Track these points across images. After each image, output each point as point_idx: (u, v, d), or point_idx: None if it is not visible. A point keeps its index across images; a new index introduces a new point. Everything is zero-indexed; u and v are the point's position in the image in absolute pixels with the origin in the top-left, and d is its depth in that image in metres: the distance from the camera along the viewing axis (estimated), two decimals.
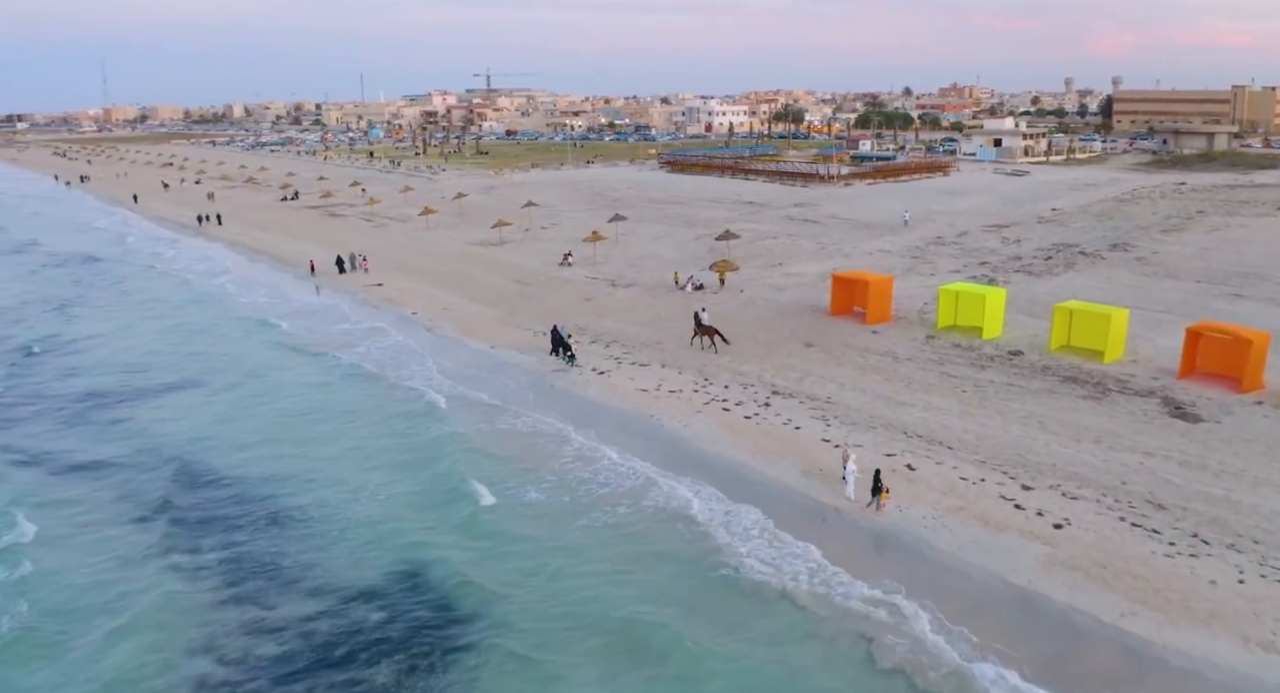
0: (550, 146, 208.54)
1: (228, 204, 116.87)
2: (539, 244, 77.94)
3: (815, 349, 44.51)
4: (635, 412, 37.30)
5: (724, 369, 41.91)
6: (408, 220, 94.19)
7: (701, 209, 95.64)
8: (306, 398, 42.36)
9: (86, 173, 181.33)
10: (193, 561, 27.60)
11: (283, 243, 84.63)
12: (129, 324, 58.52)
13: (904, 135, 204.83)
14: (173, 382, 45.49)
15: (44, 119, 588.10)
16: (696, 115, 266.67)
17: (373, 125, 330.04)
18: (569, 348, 43.51)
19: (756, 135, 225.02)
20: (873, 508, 28.21)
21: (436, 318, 54.28)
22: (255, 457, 35.45)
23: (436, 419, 38.41)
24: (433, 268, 69.71)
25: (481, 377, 43.33)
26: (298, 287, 67.14)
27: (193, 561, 27.60)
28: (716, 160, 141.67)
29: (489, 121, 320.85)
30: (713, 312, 51.86)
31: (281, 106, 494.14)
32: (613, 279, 63.11)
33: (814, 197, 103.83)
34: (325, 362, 47.62)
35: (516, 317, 53.68)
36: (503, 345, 47.89)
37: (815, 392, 38.54)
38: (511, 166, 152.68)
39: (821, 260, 65.98)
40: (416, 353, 47.89)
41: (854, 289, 51.02)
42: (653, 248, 74.28)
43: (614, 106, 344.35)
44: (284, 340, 52.35)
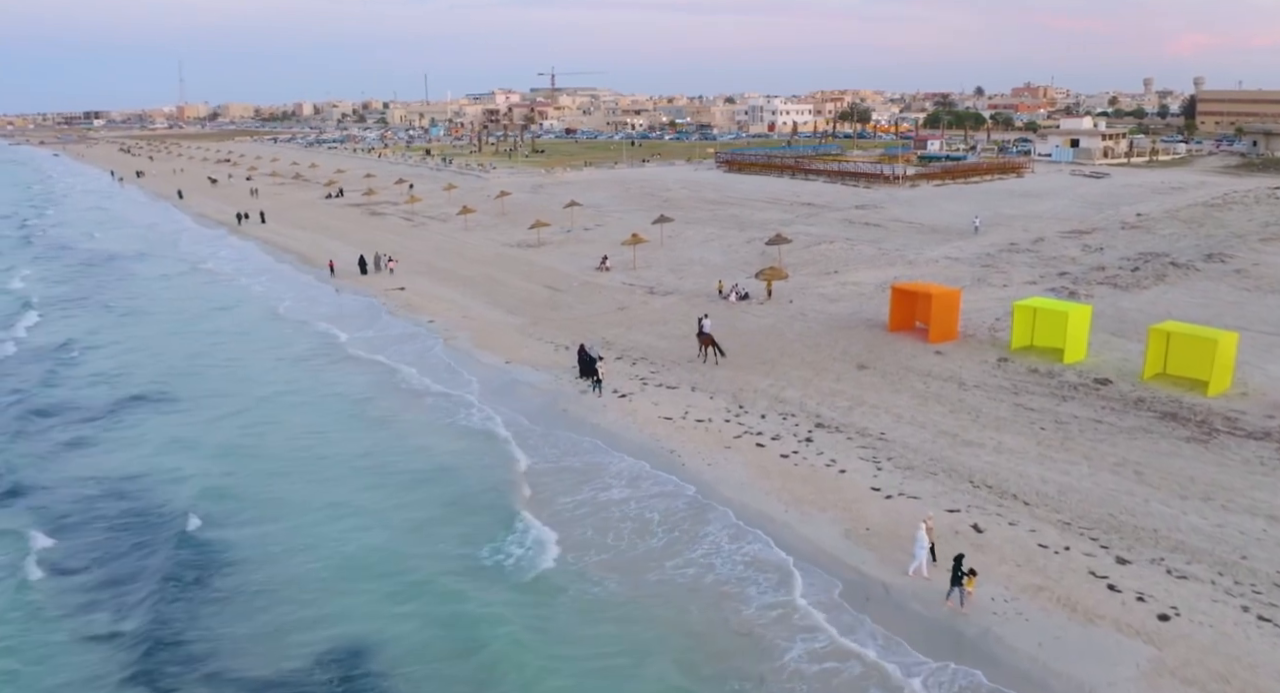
0: (607, 145, 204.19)
1: (271, 201, 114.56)
2: (579, 246, 73.25)
3: (869, 372, 39.03)
4: (654, 446, 32.15)
5: (762, 395, 36.63)
6: (447, 220, 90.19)
7: (756, 210, 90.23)
8: (266, 418, 37.98)
9: (142, 168, 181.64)
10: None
11: (316, 242, 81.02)
12: (121, 325, 55.00)
13: (975, 135, 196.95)
14: (135, 395, 41.47)
15: (120, 116, 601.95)
16: (759, 114, 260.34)
17: (435, 123, 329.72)
18: (596, 372, 38.38)
19: (820, 135, 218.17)
20: (954, 601, 22.21)
21: (453, 327, 49.73)
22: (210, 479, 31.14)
23: (402, 454, 33.79)
24: (462, 271, 65.33)
25: (490, 398, 38.60)
26: (314, 290, 63.12)
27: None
28: (776, 159, 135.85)
29: (549, 120, 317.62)
30: (756, 326, 46.73)
31: (349, 105, 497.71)
32: (651, 286, 58.11)
33: (877, 198, 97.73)
34: (306, 379, 43.28)
35: (540, 327, 48.93)
36: (519, 360, 43.13)
37: (866, 425, 33.11)
38: (564, 165, 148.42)
39: (881, 268, 60.27)
40: (420, 370, 43.32)
41: (915, 302, 45.42)
42: (699, 252, 69.13)
43: (677, 105, 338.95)
44: (273, 351, 48.24)
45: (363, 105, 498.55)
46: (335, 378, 42.87)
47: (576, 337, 46.17)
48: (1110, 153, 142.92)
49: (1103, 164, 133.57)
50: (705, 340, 41.84)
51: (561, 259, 68.38)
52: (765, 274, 52.80)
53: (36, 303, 62.26)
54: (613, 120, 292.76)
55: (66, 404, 40.53)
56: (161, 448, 35.06)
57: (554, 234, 79.22)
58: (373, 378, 42.47)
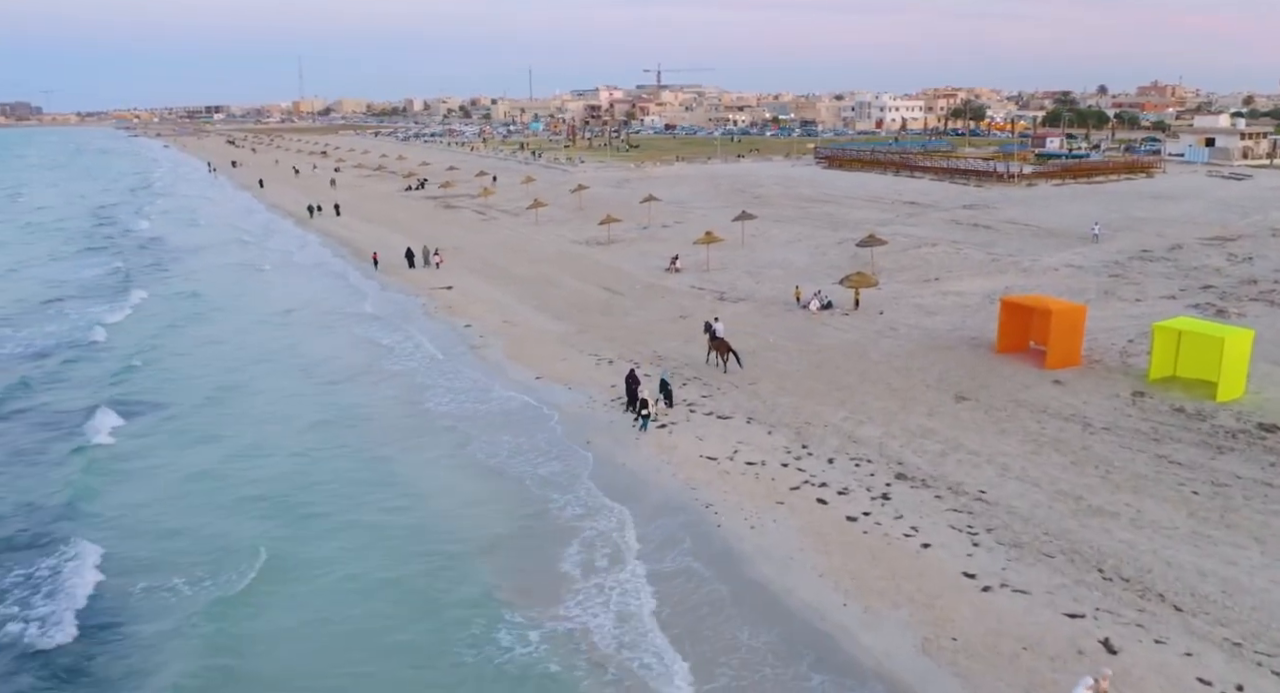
0: (705, 141, 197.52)
1: (350, 192, 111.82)
2: (653, 245, 66.89)
3: (969, 406, 31.70)
4: (686, 499, 25.50)
5: (833, 432, 29.67)
6: (519, 214, 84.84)
7: (853, 209, 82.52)
8: (234, 446, 32.56)
9: (240, 159, 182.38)
10: None
11: (378, 236, 76.31)
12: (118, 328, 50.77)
13: (1097, 134, 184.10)
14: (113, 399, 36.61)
15: (240, 111, 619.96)
16: (867, 110, 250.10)
17: (536, 118, 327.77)
18: (666, 399, 32.06)
19: (930, 132, 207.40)
20: None
21: (490, 334, 43.88)
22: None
23: (368, 509, 27.87)
24: (518, 269, 59.61)
25: (497, 424, 32.46)
26: (357, 287, 58.05)
27: None
28: (880, 155, 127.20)
29: (651, 116, 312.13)
30: (836, 341, 39.67)
31: (456, 102, 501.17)
32: (723, 291, 51.37)
33: (989, 197, 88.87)
34: (303, 391, 37.94)
35: (586, 335, 42.72)
36: (551, 376, 36.94)
37: (962, 479, 25.92)
38: (654, 160, 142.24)
39: (990, 276, 52.37)
40: (434, 386, 37.52)
41: (1030, 319, 37.80)
42: (783, 253, 62.05)
43: (782, 102, 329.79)
44: (274, 359, 43.12)
45: (470, 102, 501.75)
46: (332, 397, 37.26)
47: (625, 348, 39.92)
48: (1250, 153, 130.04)
49: (1241, 165, 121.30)
50: (718, 345, 36.80)
51: (629, 258, 62.12)
52: (852, 280, 45.60)
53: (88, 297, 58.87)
54: (715, 117, 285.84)
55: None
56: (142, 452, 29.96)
57: (628, 231, 73.16)
58: (380, 396, 36.80)
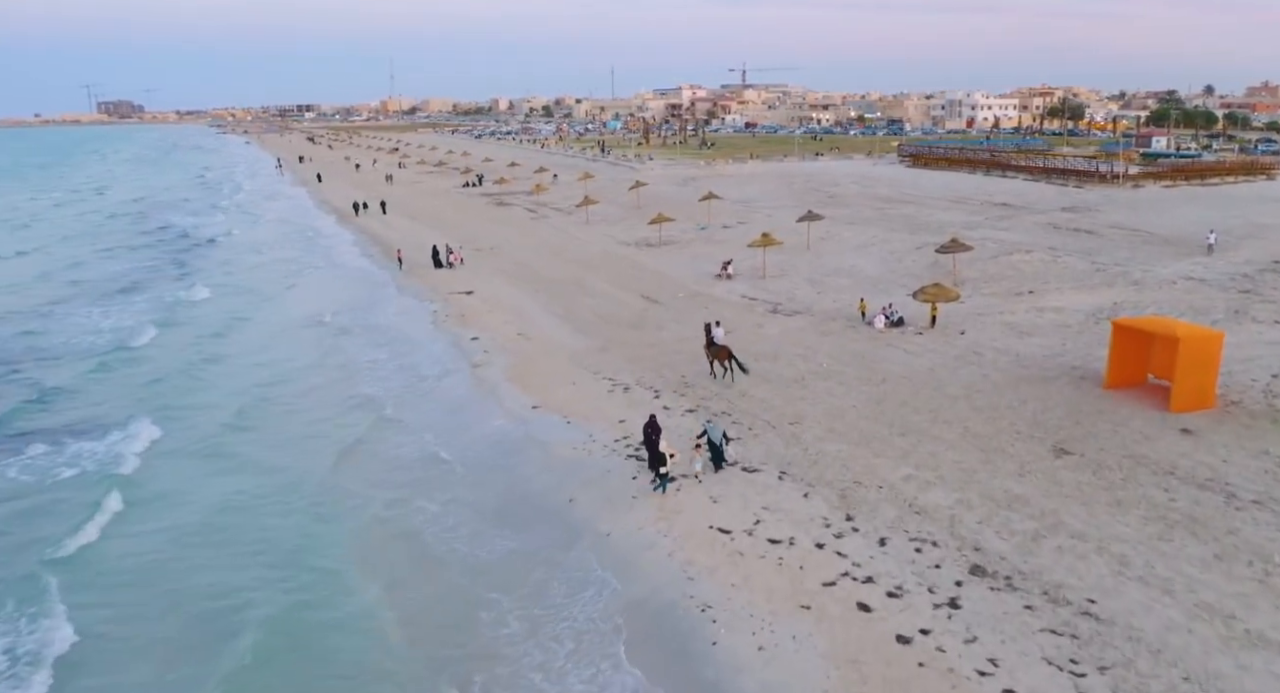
0: (784, 139, 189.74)
1: (405, 188, 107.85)
2: (709, 247, 60.19)
3: (1073, 463, 24.43)
4: (679, 595, 18.84)
5: (889, 495, 22.70)
6: (571, 212, 78.86)
7: (936, 210, 74.66)
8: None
9: (311, 155, 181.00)
10: None
11: (416, 234, 70.94)
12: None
13: (1206, 135, 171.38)
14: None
15: (330, 110, 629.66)
16: (957, 109, 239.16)
17: (617, 117, 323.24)
18: (714, 459, 24.21)
19: (1025, 130, 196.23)
20: None
21: (497, 349, 37.74)
22: None
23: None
24: (551, 272, 53.52)
25: (457, 475, 26.17)
26: (374, 290, 52.54)
27: None
28: (969, 153, 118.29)
29: (732, 115, 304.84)
30: (905, 368, 32.60)
31: (541, 101, 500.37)
32: (777, 302, 44.48)
33: (1091, 199, 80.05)
34: (224, 440, 32.13)
35: (608, 354, 36.29)
36: (552, 405, 30.57)
37: (1063, 578, 18.80)
38: (727, 158, 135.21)
39: (1096, 290, 44.53)
40: (412, 408, 31.57)
41: (1150, 347, 30.28)
42: (853, 258, 54.79)
43: (868, 101, 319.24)
44: (244, 377, 37.57)
45: (555, 101, 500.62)
46: (289, 431, 31.49)
47: (647, 371, 33.38)
48: None
49: None
50: (719, 353, 32.21)
51: (678, 262, 55.53)
52: (928, 293, 38.31)
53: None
54: (797, 115, 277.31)
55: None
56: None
57: (684, 231, 66.65)
58: (325, 433, 30.84)
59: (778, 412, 28.80)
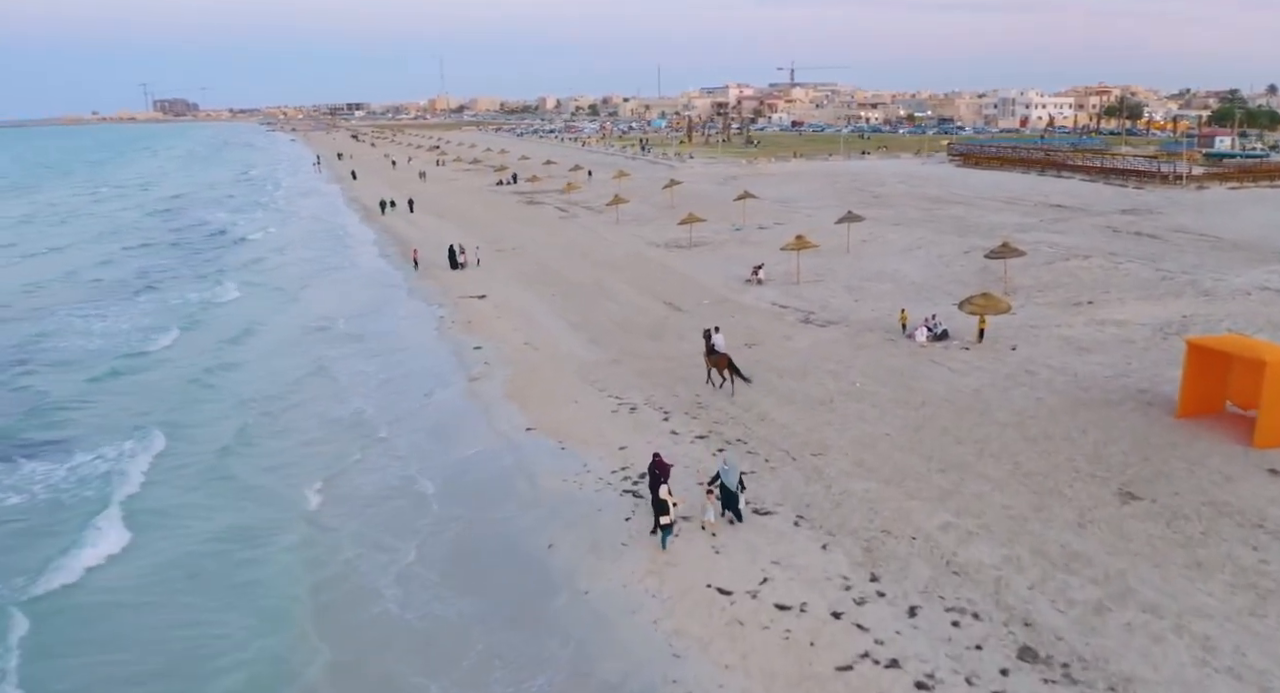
0: (830, 138, 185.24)
1: (437, 186, 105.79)
2: (743, 249, 56.77)
3: (1142, 511, 20.80)
4: (658, 678, 15.57)
5: (923, 547, 19.23)
6: (602, 211, 75.76)
7: (987, 212, 70.54)
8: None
9: (350, 152, 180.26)
10: None
11: (439, 232, 68.32)
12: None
13: (1272, 135, 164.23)
14: None
15: (380, 108, 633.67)
16: (1010, 108, 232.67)
17: (662, 115, 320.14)
18: (730, 507, 20.46)
19: (1081, 129, 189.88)
20: None
21: (500, 361, 34.70)
22: None
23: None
24: (575, 275, 50.51)
25: (444, 517, 23.02)
26: (384, 294, 49.83)
27: None
28: (1022, 152, 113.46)
29: (779, 113, 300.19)
30: (948, 388, 29.08)
31: (587, 100, 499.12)
32: (810, 310, 40.98)
33: (1152, 201, 75.33)
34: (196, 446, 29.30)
35: (619, 367, 33.09)
36: (548, 427, 27.43)
37: (1133, 667, 15.23)
38: (770, 156, 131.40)
39: (1162, 300, 40.47)
40: (387, 428, 28.58)
41: (1229, 371, 26.44)
42: (896, 262, 51.08)
43: (919, 99, 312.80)
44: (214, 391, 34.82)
45: (602, 100, 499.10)
46: (282, 455, 28.64)
47: (659, 389, 30.17)
48: None
49: None
50: (718, 361, 29.70)
51: (708, 265, 52.20)
52: (975, 304, 34.57)
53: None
54: (846, 114, 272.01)
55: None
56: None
57: (718, 232, 63.30)
58: (329, 461, 27.90)
59: (800, 439, 25.41)
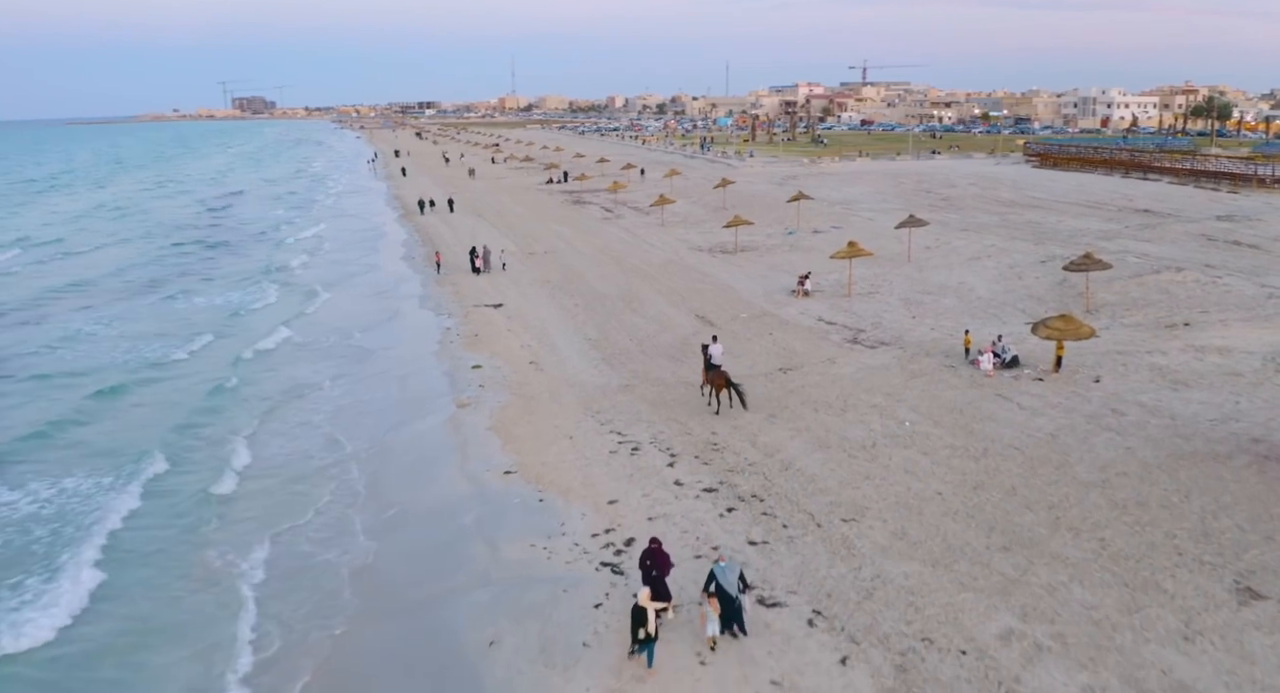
0: (900, 137, 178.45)
1: (485, 184, 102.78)
2: (793, 255, 51.98)
3: (1269, 616, 15.79)
4: None
5: (974, 674, 14.49)
6: (649, 212, 71.26)
7: (1066, 216, 64.67)
8: None
9: (409, 149, 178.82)
10: None
11: (473, 233, 64.53)
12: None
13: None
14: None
15: (450, 107, 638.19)
16: (1090, 107, 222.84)
17: (730, 114, 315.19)
18: (735, 621, 15.61)
19: (1167, 130, 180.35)
20: None
21: (497, 383, 30.47)
22: None
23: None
24: (604, 282, 46.21)
25: (379, 605, 18.65)
26: (395, 302, 45.93)
27: None
28: (1104, 153, 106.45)
29: (849, 112, 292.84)
30: (1018, 434, 24.18)
31: (655, 99, 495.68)
32: (859, 328, 36.07)
33: (1250, 207, 68.62)
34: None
35: (629, 395, 28.66)
36: (532, 470, 23.07)
37: None
38: (835, 155, 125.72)
39: (1271, 323, 34.75)
40: (378, 481, 24.42)
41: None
42: (961, 273, 45.86)
43: (995, 98, 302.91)
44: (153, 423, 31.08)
45: (671, 99, 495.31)
46: (257, 504, 24.72)
47: (670, 423, 25.68)
48: None
49: None
50: (714, 379, 26.36)
51: (753, 273, 47.49)
52: (1052, 328, 29.34)
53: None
54: (918, 113, 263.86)
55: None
56: None
57: (770, 236, 58.56)
58: (292, 515, 23.94)
59: (830, 498, 20.73)
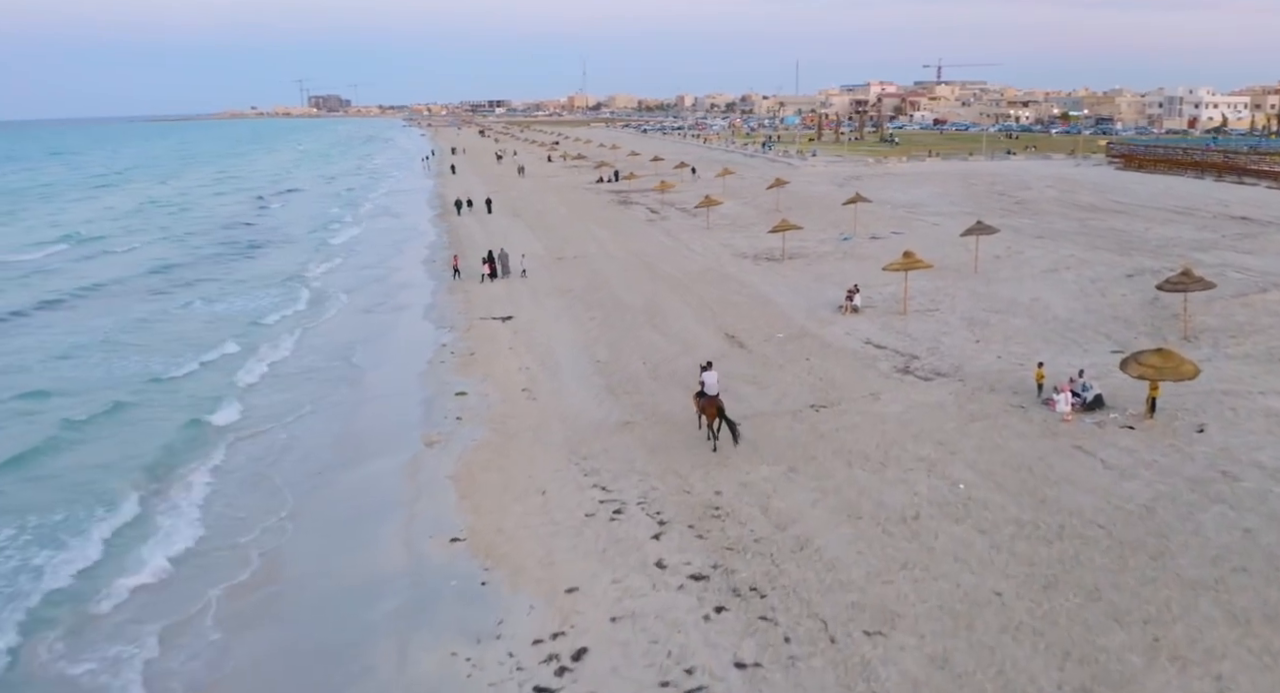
0: (974, 137, 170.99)
1: (533, 182, 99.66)
2: (846, 264, 46.94)
3: None
4: None
5: None
6: (696, 214, 66.49)
7: (1154, 223, 58.51)
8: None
9: (465, 146, 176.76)
10: None
11: (505, 234, 60.47)
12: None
13: None
14: None
15: (520, 105, 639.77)
16: (1177, 107, 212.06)
17: (799, 112, 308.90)
18: None
19: (1261, 131, 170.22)
20: None
21: (479, 417, 26.06)
22: None
23: None
24: (631, 292, 41.73)
25: None
26: (384, 313, 41.84)
27: None
28: (1194, 155, 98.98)
29: (921, 111, 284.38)
30: (1102, 503, 19.09)
31: (724, 98, 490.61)
32: (912, 354, 30.95)
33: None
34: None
35: (628, 434, 24.06)
36: (483, 537, 18.63)
37: None
38: (903, 155, 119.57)
39: None
40: (297, 552, 20.18)
41: None
42: (1035, 287, 40.36)
43: (1074, 97, 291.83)
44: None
45: (740, 98, 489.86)
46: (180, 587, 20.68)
47: (670, 471, 21.03)
48: None
49: None
50: (706, 408, 23.00)
51: (796, 285, 42.53)
52: (1147, 365, 23.81)
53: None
54: (993, 112, 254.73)
55: None
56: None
57: (823, 242, 53.61)
58: (206, 588, 19.85)
59: (853, 596, 15.90)
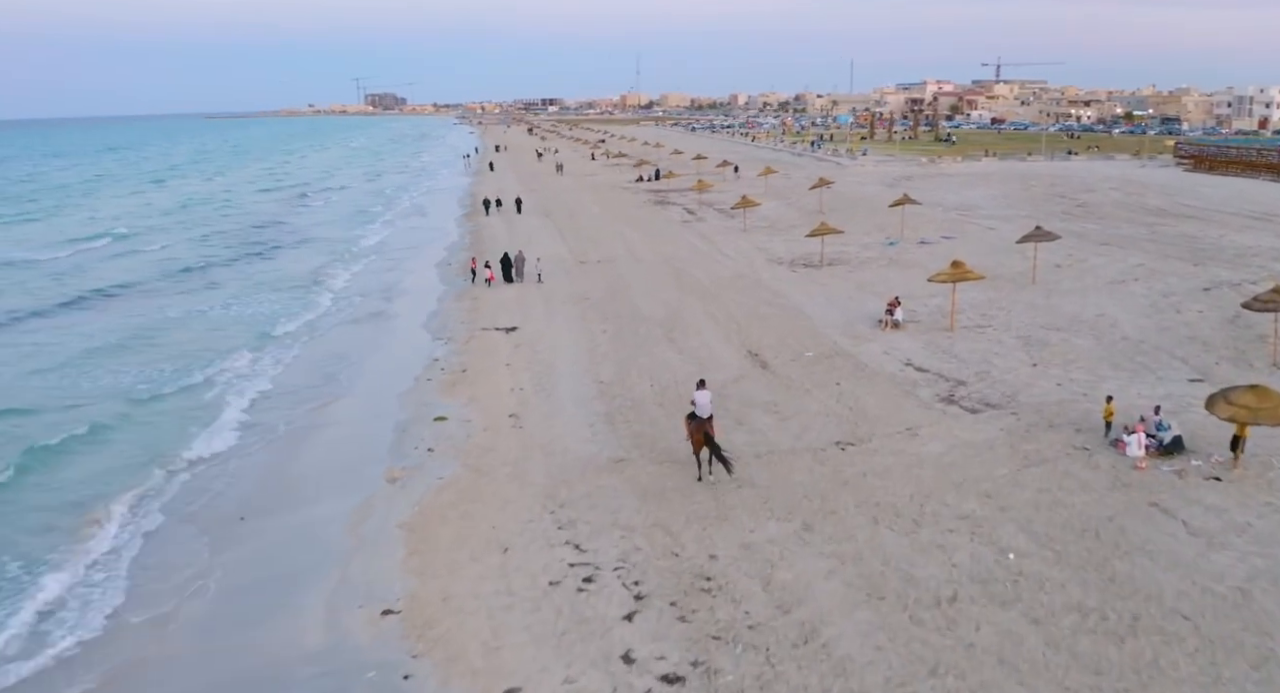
0: (1033, 136, 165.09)
1: (571, 181, 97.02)
2: (889, 271, 43.21)
3: None
4: None
5: None
6: (734, 215, 62.89)
7: (1228, 230, 53.81)
8: None
9: (505, 143, 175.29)
10: None
11: (530, 235, 57.48)
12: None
13: None
14: None
15: (573, 104, 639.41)
16: (1247, 107, 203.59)
17: (852, 111, 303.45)
18: None
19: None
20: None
21: (453, 449, 22.86)
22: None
23: None
24: (652, 301, 38.36)
25: None
26: (381, 324, 38.83)
27: None
28: (1271, 157, 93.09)
29: (979, 110, 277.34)
30: (1194, 576, 15.17)
31: (777, 97, 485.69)
32: (961, 379, 27.16)
33: None
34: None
35: (619, 474, 20.69)
36: (422, 607, 15.41)
37: None
38: (958, 155, 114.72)
39: None
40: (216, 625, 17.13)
41: None
42: (1100, 301, 36.27)
43: (1139, 96, 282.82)
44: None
45: (794, 97, 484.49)
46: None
47: (662, 525, 17.72)
48: None
49: None
50: (694, 434, 20.02)
51: (834, 295, 38.82)
52: (1238, 406, 19.75)
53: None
54: (1054, 111, 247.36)
55: None
56: None
57: (867, 246, 49.88)
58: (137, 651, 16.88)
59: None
